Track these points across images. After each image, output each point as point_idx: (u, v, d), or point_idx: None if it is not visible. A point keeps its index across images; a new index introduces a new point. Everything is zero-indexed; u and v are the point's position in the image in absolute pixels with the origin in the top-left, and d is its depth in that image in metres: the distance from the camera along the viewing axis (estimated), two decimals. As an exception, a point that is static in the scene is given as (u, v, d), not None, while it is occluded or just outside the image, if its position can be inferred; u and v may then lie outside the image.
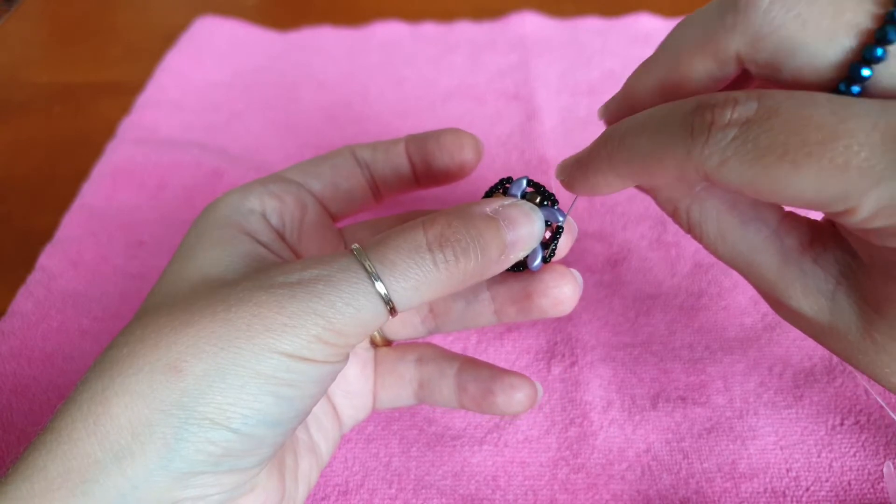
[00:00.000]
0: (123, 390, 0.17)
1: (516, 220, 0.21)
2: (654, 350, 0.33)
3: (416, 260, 0.19)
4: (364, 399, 0.26)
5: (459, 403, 0.25)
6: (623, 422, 0.30)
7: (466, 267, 0.19)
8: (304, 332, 0.18)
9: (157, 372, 0.17)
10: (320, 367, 0.19)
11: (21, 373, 0.32)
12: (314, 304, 0.18)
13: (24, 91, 0.53)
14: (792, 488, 0.28)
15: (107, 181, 0.43)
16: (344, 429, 0.26)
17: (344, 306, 0.18)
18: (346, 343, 0.19)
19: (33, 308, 0.35)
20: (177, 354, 0.18)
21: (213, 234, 0.22)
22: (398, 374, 0.26)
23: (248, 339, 0.18)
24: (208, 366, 0.18)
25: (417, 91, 0.51)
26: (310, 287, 0.18)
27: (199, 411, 0.17)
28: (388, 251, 0.19)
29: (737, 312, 0.34)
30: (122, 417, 0.17)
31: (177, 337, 0.18)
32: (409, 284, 0.19)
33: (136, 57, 0.56)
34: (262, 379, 0.18)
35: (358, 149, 0.25)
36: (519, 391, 0.24)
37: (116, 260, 0.38)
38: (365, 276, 0.19)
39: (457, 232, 0.19)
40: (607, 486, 0.28)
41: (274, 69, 0.54)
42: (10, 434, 0.30)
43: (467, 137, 0.24)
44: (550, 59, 0.53)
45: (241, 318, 0.18)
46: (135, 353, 0.18)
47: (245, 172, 0.43)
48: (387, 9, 0.60)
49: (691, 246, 0.37)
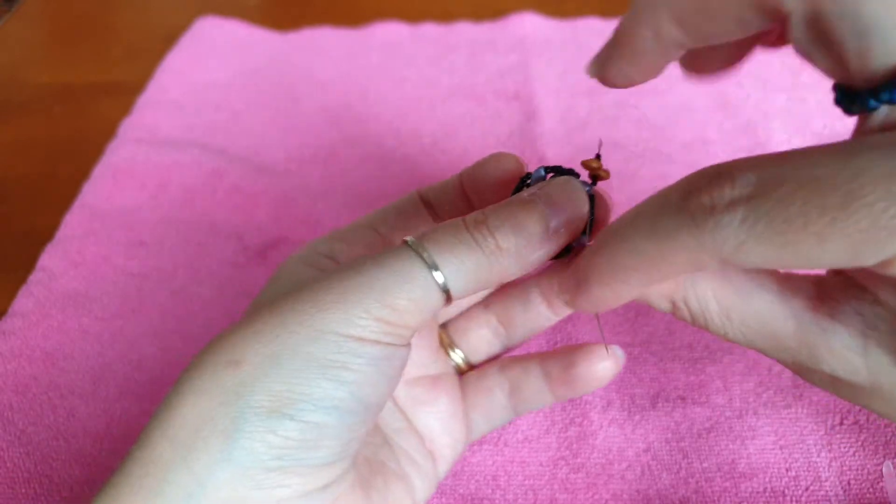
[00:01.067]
0: (189, 390, 0.18)
1: (552, 194, 0.21)
2: (654, 350, 0.33)
3: (458, 238, 0.19)
4: (458, 425, 0.26)
5: (553, 394, 0.26)
6: (623, 421, 0.30)
7: (506, 243, 0.20)
8: (354, 308, 0.18)
9: (219, 369, 0.18)
10: (375, 349, 0.19)
11: (21, 372, 0.32)
12: (362, 278, 0.19)
13: (25, 91, 0.53)
14: (791, 488, 0.28)
15: (107, 181, 0.43)
16: (441, 469, 0.25)
17: (393, 277, 0.19)
18: (402, 322, 0.19)
19: (34, 308, 0.35)
20: (234, 349, 0.18)
21: (286, 271, 0.23)
22: (486, 388, 0.26)
23: (300, 323, 0.18)
24: (263, 355, 0.18)
25: (417, 91, 0.51)
26: (358, 267, 0.19)
27: (256, 399, 0.18)
28: (433, 234, 0.20)
29: (736, 312, 0.34)
30: (188, 415, 0.18)
31: (237, 336, 0.19)
32: (457, 260, 0.19)
33: (136, 57, 0.56)
34: (317, 362, 0.18)
35: (424, 189, 0.26)
36: (595, 357, 0.25)
37: (117, 260, 0.38)
38: (413, 254, 0.19)
39: (488, 216, 0.20)
40: (607, 486, 0.28)
41: (274, 69, 0.54)
42: (10, 434, 0.30)
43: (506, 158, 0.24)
44: (550, 60, 0.53)
45: (294, 305, 0.18)
46: (201, 359, 0.19)
47: (245, 172, 0.43)
48: (387, 9, 0.60)
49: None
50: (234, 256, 0.39)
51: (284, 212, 0.41)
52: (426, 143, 0.46)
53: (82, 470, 0.29)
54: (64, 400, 0.32)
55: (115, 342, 0.34)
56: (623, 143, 0.45)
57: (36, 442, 0.30)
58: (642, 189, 0.41)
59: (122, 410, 0.31)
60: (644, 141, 0.45)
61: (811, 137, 0.44)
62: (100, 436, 0.30)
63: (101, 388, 0.32)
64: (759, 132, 0.45)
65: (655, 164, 0.43)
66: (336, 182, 0.43)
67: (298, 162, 0.45)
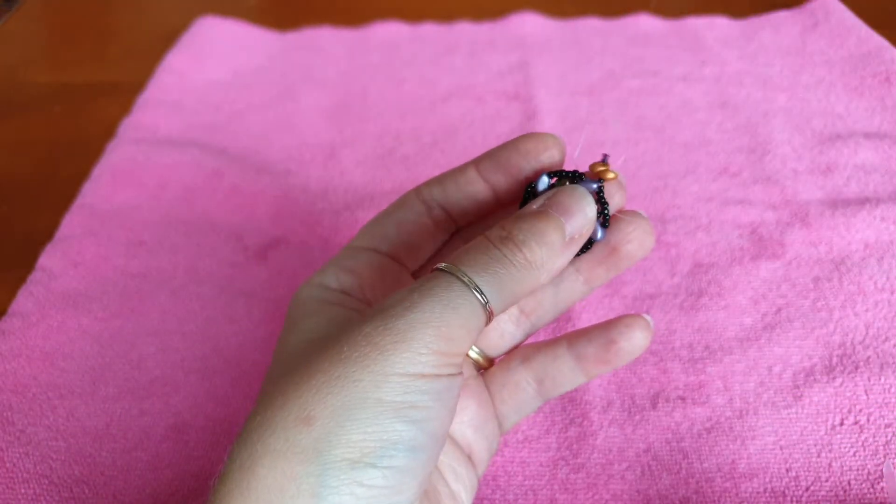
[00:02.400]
0: (264, 452, 0.18)
1: (563, 202, 0.21)
2: (654, 350, 0.33)
3: (490, 256, 0.20)
4: (491, 424, 0.26)
5: (586, 374, 0.25)
6: (623, 421, 0.30)
7: (533, 256, 0.20)
8: (415, 345, 0.18)
9: (290, 427, 0.18)
10: (438, 383, 0.19)
11: (21, 372, 0.32)
12: (416, 314, 0.19)
13: (25, 91, 0.53)
14: (791, 488, 0.28)
15: (107, 181, 0.43)
16: (479, 470, 0.25)
17: (444, 309, 0.19)
18: (457, 350, 0.19)
19: (33, 308, 0.35)
20: (303, 405, 0.18)
21: (306, 310, 0.23)
22: (512, 382, 0.26)
23: (364, 369, 0.18)
24: (334, 408, 0.18)
25: (417, 91, 0.51)
26: (407, 303, 0.19)
27: (336, 454, 0.18)
28: (464, 256, 0.20)
29: (736, 312, 0.34)
30: (269, 477, 0.17)
31: (300, 391, 0.18)
32: (493, 278, 0.20)
33: (136, 57, 0.56)
34: (387, 406, 0.18)
35: (425, 189, 0.25)
36: (636, 329, 0.25)
37: (117, 260, 0.38)
38: (453, 278, 0.19)
39: (511, 231, 0.20)
40: (607, 486, 0.28)
41: (274, 69, 0.54)
42: (10, 433, 0.30)
43: (548, 138, 0.24)
44: (550, 60, 0.53)
45: (353, 352, 0.18)
46: (267, 417, 0.18)
47: (245, 172, 0.43)
48: (387, 9, 0.60)
49: (691, 246, 0.37)
50: (234, 256, 0.38)
51: (284, 212, 0.41)
52: (426, 143, 0.46)
53: (82, 469, 0.29)
54: (63, 400, 0.32)
55: (115, 342, 0.34)
56: (623, 143, 0.45)
57: (35, 442, 0.30)
58: (642, 189, 0.41)
59: (121, 410, 0.31)
60: (644, 141, 0.45)
61: (811, 137, 0.44)
62: (99, 435, 0.30)
63: (101, 387, 0.32)
64: (759, 132, 0.45)
65: (655, 164, 0.43)
66: (336, 182, 0.43)
67: (298, 162, 0.45)
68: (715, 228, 0.38)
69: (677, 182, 0.42)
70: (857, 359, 0.32)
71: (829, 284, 0.35)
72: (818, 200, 0.40)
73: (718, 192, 0.41)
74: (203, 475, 0.29)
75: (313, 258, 0.38)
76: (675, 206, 0.40)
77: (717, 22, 0.57)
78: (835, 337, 0.33)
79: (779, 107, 0.47)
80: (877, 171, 0.41)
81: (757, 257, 0.37)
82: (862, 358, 0.32)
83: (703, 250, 0.37)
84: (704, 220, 0.39)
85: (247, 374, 0.33)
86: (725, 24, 0.57)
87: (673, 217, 0.39)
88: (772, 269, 0.36)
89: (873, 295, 0.34)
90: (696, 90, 0.49)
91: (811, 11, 0.57)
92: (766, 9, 0.59)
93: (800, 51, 0.53)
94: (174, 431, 0.30)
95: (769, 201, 0.40)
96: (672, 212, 0.40)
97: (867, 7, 0.56)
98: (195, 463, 0.29)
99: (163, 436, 0.30)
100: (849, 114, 0.46)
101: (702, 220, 0.39)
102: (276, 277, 0.37)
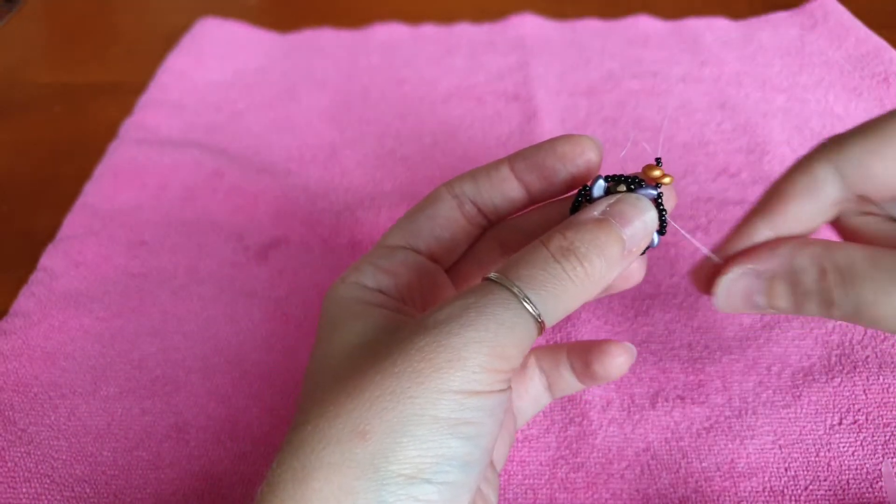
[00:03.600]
0: (319, 464, 0.18)
1: (625, 213, 0.21)
2: (653, 349, 0.33)
3: (548, 271, 0.19)
4: (509, 421, 0.26)
5: (581, 383, 0.26)
6: (622, 421, 0.30)
7: (593, 270, 0.20)
8: (470, 364, 0.18)
9: (345, 440, 0.18)
10: (491, 399, 0.19)
11: (22, 371, 0.33)
12: (472, 333, 0.18)
13: (26, 91, 0.54)
14: (790, 487, 0.28)
15: (108, 181, 0.43)
16: (498, 467, 0.25)
17: (499, 328, 0.19)
18: (509, 367, 0.19)
19: (35, 307, 0.35)
20: (358, 419, 0.18)
21: (348, 312, 0.22)
22: (525, 377, 0.27)
23: (418, 385, 0.18)
24: (389, 423, 0.18)
25: (417, 92, 0.51)
26: (463, 319, 0.19)
27: (392, 470, 0.18)
28: (520, 269, 0.20)
29: (735, 312, 0.34)
30: (325, 490, 0.17)
31: (354, 403, 0.18)
32: (550, 295, 0.19)
33: (137, 57, 0.56)
34: (442, 423, 0.18)
35: (456, 184, 0.25)
36: (610, 356, 0.25)
37: (118, 260, 0.38)
38: (509, 294, 0.19)
39: (573, 241, 0.20)
40: (606, 485, 0.28)
41: (275, 70, 0.54)
42: (11, 433, 0.30)
43: (586, 140, 0.23)
44: (550, 61, 0.53)
45: (407, 367, 0.18)
46: (319, 428, 0.18)
47: (245, 172, 0.44)
48: (387, 10, 0.60)
49: (690, 246, 0.38)
50: (235, 256, 0.39)
51: (285, 212, 0.41)
52: (426, 144, 0.46)
53: (83, 469, 0.29)
54: (65, 399, 0.32)
55: (116, 341, 0.34)
56: (623, 142, 0.45)
57: (37, 441, 0.30)
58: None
59: (122, 409, 0.31)
60: (644, 141, 0.45)
61: (810, 137, 0.44)
62: (101, 435, 0.30)
63: (102, 387, 0.32)
64: (758, 132, 0.45)
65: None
66: (336, 182, 0.43)
67: (298, 162, 0.45)
68: (714, 229, 0.38)
69: (676, 182, 0.42)
70: (855, 358, 0.32)
71: (828, 284, 0.35)
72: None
73: (717, 192, 0.41)
74: (204, 474, 0.29)
75: (313, 258, 0.38)
76: (675, 207, 0.40)
77: (716, 23, 0.57)
78: (833, 336, 0.33)
79: (778, 107, 0.47)
80: (875, 172, 0.41)
81: (756, 257, 0.37)
82: (860, 357, 0.32)
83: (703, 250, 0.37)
84: (704, 220, 0.39)
85: (248, 373, 0.33)
86: (724, 24, 0.57)
87: (672, 217, 0.39)
88: (771, 269, 0.36)
89: (872, 295, 0.34)
90: (695, 91, 0.49)
91: (810, 12, 0.57)
92: (764, 9, 0.59)
93: (799, 51, 0.53)
94: (175, 431, 0.31)
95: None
96: (671, 212, 0.40)
97: (866, 8, 0.56)
98: (196, 462, 0.29)
99: (164, 435, 0.30)
100: (847, 114, 0.46)
101: (701, 220, 0.39)
102: (277, 277, 0.37)
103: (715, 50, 0.54)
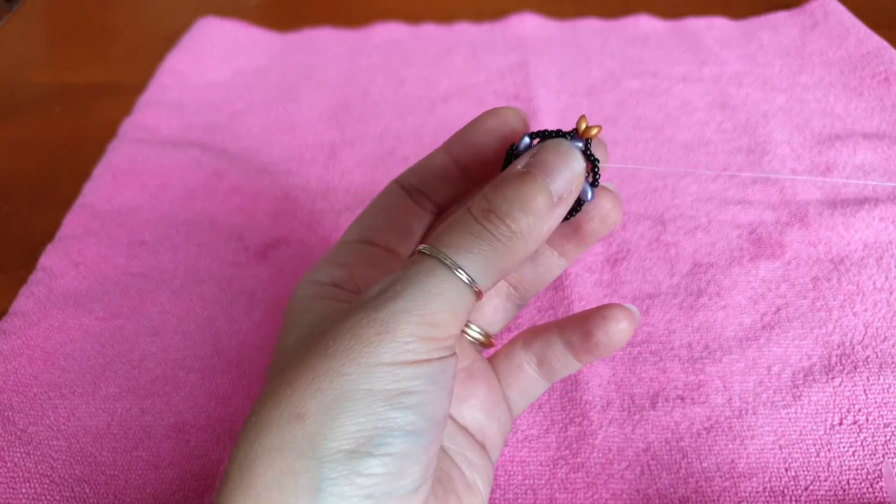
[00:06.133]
0: (261, 450, 0.18)
1: (547, 161, 0.20)
2: (654, 349, 0.33)
3: (473, 234, 0.19)
4: (501, 406, 0.26)
5: (578, 360, 0.26)
6: (622, 421, 0.30)
7: (519, 227, 0.20)
8: (400, 335, 0.18)
9: (285, 424, 0.18)
10: (430, 367, 0.19)
11: (22, 371, 0.33)
12: (399, 304, 0.19)
13: (26, 91, 0.54)
14: (791, 487, 0.28)
15: (108, 181, 0.43)
16: (493, 455, 0.25)
17: (426, 295, 0.19)
18: (444, 334, 0.19)
19: (34, 307, 0.35)
20: (296, 402, 0.18)
21: (301, 308, 0.23)
22: (515, 365, 0.26)
23: (351, 362, 0.18)
24: (325, 402, 0.18)
25: (417, 91, 0.51)
26: (390, 292, 0.19)
27: (332, 447, 0.18)
28: (446, 235, 0.20)
29: (736, 312, 0.34)
30: (268, 475, 0.18)
31: (293, 389, 0.19)
32: (479, 258, 0.19)
33: (137, 57, 0.56)
34: (379, 395, 0.18)
35: (402, 178, 0.26)
36: (613, 321, 0.24)
37: (118, 260, 0.38)
38: (436, 262, 0.19)
39: (492, 201, 0.20)
40: (606, 485, 0.28)
41: (274, 70, 0.54)
42: (11, 433, 0.30)
43: (507, 111, 0.23)
44: (550, 60, 0.53)
45: (340, 346, 0.19)
46: (262, 417, 0.19)
47: (245, 172, 0.44)
48: (387, 10, 0.60)
49: (690, 246, 0.38)
50: (235, 256, 0.39)
51: (285, 212, 0.41)
52: (426, 143, 0.46)
53: (83, 469, 0.29)
54: (64, 399, 0.32)
55: (116, 341, 0.34)
56: (623, 142, 0.45)
57: (36, 441, 0.30)
58: (642, 189, 0.41)
59: (122, 409, 0.31)
60: (644, 141, 0.45)
61: (810, 137, 0.44)
62: (100, 434, 0.30)
63: (102, 387, 0.32)
64: (758, 132, 0.45)
65: (655, 165, 0.43)
66: (336, 182, 0.43)
67: (298, 162, 0.45)
68: (714, 228, 0.38)
69: (676, 182, 0.42)
70: (855, 358, 0.32)
71: (828, 284, 0.35)
72: (817, 200, 0.40)
73: (717, 192, 0.41)
74: (204, 474, 0.29)
75: (313, 258, 0.38)
76: (675, 206, 0.40)
77: (717, 22, 0.57)
78: (834, 337, 0.33)
79: (778, 107, 0.47)
80: (876, 172, 0.41)
81: (756, 257, 0.37)
82: (861, 358, 0.32)
83: (703, 250, 0.37)
84: (704, 220, 0.39)
85: (247, 373, 0.33)
86: (725, 24, 0.57)
87: (672, 217, 0.39)
88: (771, 269, 0.36)
89: (872, 295, 0.34)
90: (695, 90, 0.49)
91: (810, 12, 0.57)
92: (765, 9, 0.59)
93: (799, 51, 0.53)
94: (175, 431, 0.30)
95: (768, 201, 0.40)
96: (671, 212, 0.40)
97: (866, 7, 0.56)
98: (196, 462, 0.29)
99: (164, 435, 0.30)
100: (848, 114, 0.46)
101: (701, 220, 0.39)
102: (277, 277, 0.37)
103: (715, 50, 0.54)
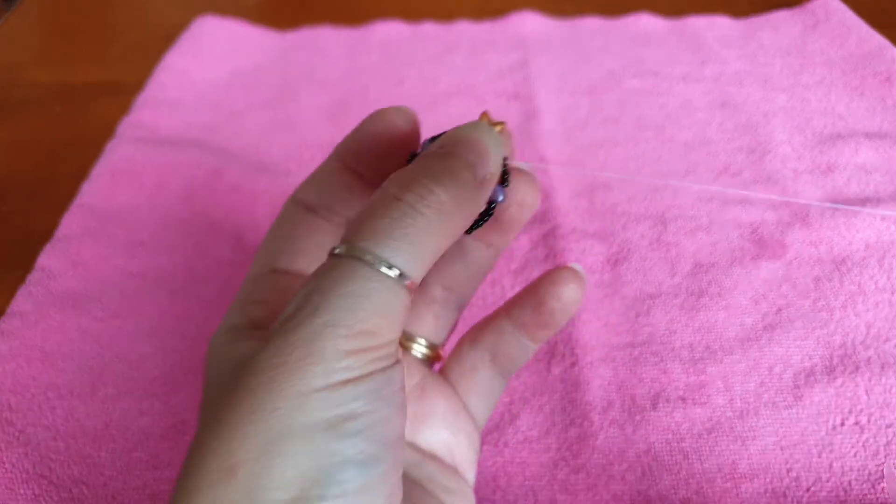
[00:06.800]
0: None
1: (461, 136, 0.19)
2: (655, 350, 0.33)
3: (392, 215, 0.17)
4: (464, 421, 0.24)
5: (533, 341, 0.24)
6: (623, 422, 0.30)
7: (446, 195, 0.17)
8: (328, 353, 0.16)
9: (216, 483, 0.15)
10: (371, 382, 0.16)
11: (20, 372, 0.32)
12: (320, 318, 0.16)
13: (24, 90, 0.53)
14: (792, 489, 0.27)
15: (106, 181, 0.43)
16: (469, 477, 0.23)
17: (352, 302, 0.16)
18: (380, 342, 0.17)
19: (33, 308, 0.35)
20: (225, 454, 0.16)
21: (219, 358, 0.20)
22: (468, 368, 0.24)
23: (278, 395, 0.16)
24: (256, 448, 0.15)
25: (417, 91, 0.51)
26: (307, 308, 0.16)
27: (273, 498, 0.15)
28: (363, 227, 0.17)
29: (737, 312, 0.34)
30: None
31: (219, 440, 0.16)
32: (403, 242, 0.17)
33: (135, 56, 0.56)
34: (317, 428, 0.16)
35: (298, 194, 0.23)
36: (562, 284, 0.22)
37: (116, 260, 0.38)
38: (354, 262, 0.16)
39: (415, 173, 0.18)
40: (607, 487, 0.28)
41: (274, 69, 0.54)
42: (9, 434, 0.30)
43: (390, 113, 0.22)
44: (550, 59, 0.53)
45: (262, 379, 0.16)
46: (191, 476, 0.16)
47: (244, 172, 0.43)
48: (387, 9, 0.60)
49: (691, 246, 0.37)
50: (234, 256, 0.38)
51: (284, 211, 0.41)
52: (426, 143, 0.46)
53: (81, 470, 0.29)
54: (62, 400, 0.31)
55: (114, 342, 0.34)
56: (623, 142, 0.45)
57: (35, 442, 0.30)
58: (642, 189, 0.41)
59: (121, 410, 0.31)
60: (644, 141, 0.45)
61: (811, 137, 0.44)
62: (99, 435, 0.30)
63: (100, 388, 0.32)
64: (759, 132, 0.45)
65: (655, 164, 0.43)
66: (336, 182, 0.43)
67: (298, 162, 0.45)
68: (715, 228, 0.38)
69: (678, 181, 0.42)
70: (857, 359, 0.31)
71: (830, 284, 0.35)
72: (818, 200, 0.40)
73: (719, 192, 0.41)
74: (203, 476, 0.29)
75: (313, 258, 0.38)
76: (676, 206, 0.40)
77: (718, 21, 0.57)
78: (835, 337, 0.33)
79: (779, 106, 0.47)
80: (877, 171, 0.41)
81: (757, 257, 0.36)
82: (863, 358, 0.31)
83: (704, 250, 0.37)
84: (705, 220, 0.39)
85: (246, 374, 0.33)
86: (725, 23, 0.57)
87: (673, 217, 0.39)
88: (772, 269, 0.36)
89: (874, 295, 0.34)
90: (696, 90, 0.49)
91: (811, 11, 0.56)
92: (766, 8, 0.58)
93: (800, 50, 0.53)
94: (174, 432, 0.30)
95: (769, 201, 0.40)
96: (672, 212, 0.40)
97: (868, 7, 0.56)
98: (195, 463, 0.29)
99: (162, 436, 0.30)
100: (849, 113, 0.46)
101: (702, 220, 0.39)
102: (276, 277, 0.37)
103: (716, 49, 0.53)
